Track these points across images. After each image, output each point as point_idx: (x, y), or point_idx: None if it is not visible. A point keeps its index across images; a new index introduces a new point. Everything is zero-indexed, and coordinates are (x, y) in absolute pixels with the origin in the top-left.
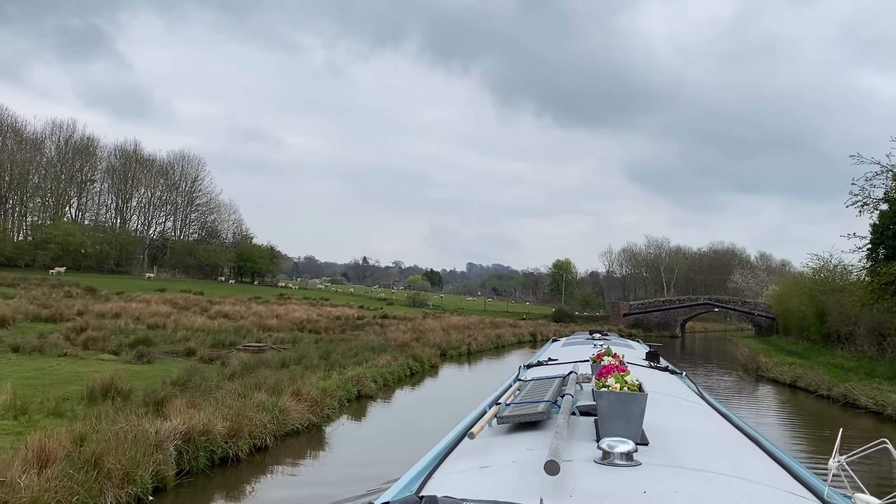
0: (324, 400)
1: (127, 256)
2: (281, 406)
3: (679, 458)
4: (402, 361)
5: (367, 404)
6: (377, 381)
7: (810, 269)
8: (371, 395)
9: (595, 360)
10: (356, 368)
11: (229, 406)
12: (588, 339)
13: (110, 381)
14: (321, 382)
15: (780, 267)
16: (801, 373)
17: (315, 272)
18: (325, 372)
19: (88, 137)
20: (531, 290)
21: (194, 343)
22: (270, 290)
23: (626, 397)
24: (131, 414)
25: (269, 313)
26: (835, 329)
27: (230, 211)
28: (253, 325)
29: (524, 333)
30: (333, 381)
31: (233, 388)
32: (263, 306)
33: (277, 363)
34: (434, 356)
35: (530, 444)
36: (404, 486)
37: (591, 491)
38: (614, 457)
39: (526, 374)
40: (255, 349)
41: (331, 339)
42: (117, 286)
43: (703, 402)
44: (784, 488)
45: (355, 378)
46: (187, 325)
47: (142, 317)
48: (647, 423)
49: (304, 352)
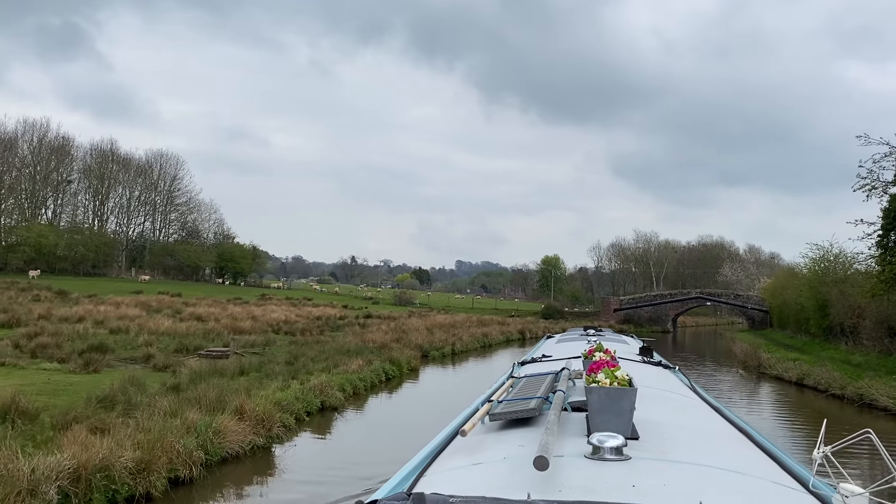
0: (273, 416)
1: (104, 258)
2: (216, 427)
3: (669, 452)
4: (377, 366)
5: (332, 418)
6: (345, 390)
7: (809, 259)
8: (337, 407)
9: (587, 356)
10: (321, 376)
11: (149, 430)
12: (582, 335)
13: (11, 399)
14: (277, 394)
15: (770, 260)
16: (807, 370)
17: (303, 272)
18: (286, 380)
19: (63, 137)
20: (520, 286)
21: (155, 349)
22: (253, 291)
23: (616, 392)
24: (14, 443)
25: (246, 315)
26: (838, 322)
27: (211, 210)
28: (225, 327)
29: (512, 331)
30: (292, 391)
31: (164, 406)
32: (241, 307)
33: (235, 371)
34: (414, 358)
35: (522, 441)
36: (396, 485)
37: (580, 485)
38: (604, 451)
39: (519, 371)
40: (218, 354)
41: (305, 342)
42: (93, 288)
43: (695, 396)
44: (771, 479)
45: (319, 387)
46: (153, 328)
47: (106, 320)
48: (639, 417)
49: (271, 356)
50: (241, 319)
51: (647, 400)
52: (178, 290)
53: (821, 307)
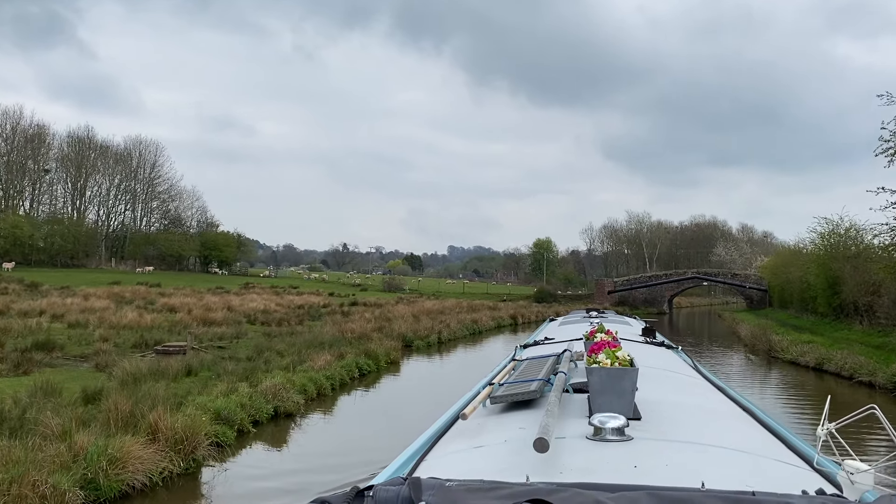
0: (198, 433)
1: (84, 249)
2: (113, 453)
3: (671, 432)
4: (350, 360)
5: (286, 428)
6: (307, 391)
7: (818, 234)
8: (294, 413)
9: (588, 338)
10: (277, 376)
11: (16, 461)
12: (585, 317)
13: None
14: (218, 401)
15: (763, 239)
16: (825, 353)
17: (294, 260)
18: (235, 383)
19: (38, 124)
20: (513, 270)
21: (111, 344)
22: (237, 280)
23: (617, 372)
24: None
25: (222, 305)
26: (851, 300)
27: (193, 197)
28: (195, 319)
29: (504, 317)
30: (238, 396)
31: (54, 424)
32: (219, 297)
33: (181, 371)
34: (395, 349)
35: (523, 423)
36: (395, 470)
37: (580, 467)
38: (606, 432)
39: (521, 354)
40: (175, 350)
41: (280, 333)
42: (68, 280)
43: (698, 375)
44: (775, 457)
45: (274, 389)
46: (116, 322)
47: (68, 314)
48: (641, 397)
49: (234, 351)
50: (215, 310)
51: (649, 380)
52: (157, 281)
53: (831, 285)
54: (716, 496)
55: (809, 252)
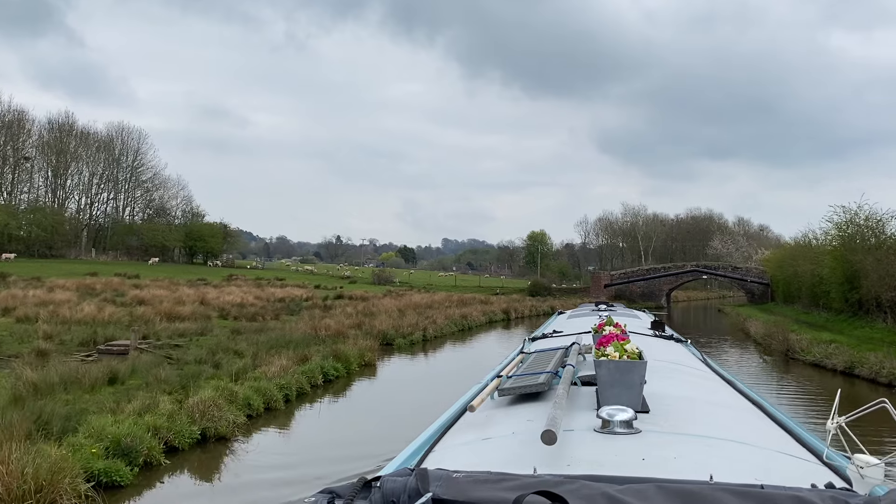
0: (59, 482)
1: (63, 239)
2: None
3: (680, 425)
4: (315, 364)
5: (215, 456)
6: (253, 405)
7: (834, 224)
8: (227, 436)
9: (597, 331)
10: (222, 383)
11: None
12: (593, 310)
13: None
14: (123, 423)
15: (759, 232)
16: (857, 355)
17: (287, 252)
18: (162, 394)
19: (16, 110)
20: (506, 263)
21: (56, 342)
22: (222, 272)
23: (626, 365)
24: None
25: (196, 298)
26: (873, 295)
27: (178, 187)
28: (160, 312)
29: (496, 311)
30: (154, 416)
31: None
32: (195, 290)
33: (99, 378)
34: (371, 350)
35: (531, 416)
36: (402, 461)
37: (588, 459)
38: (614, 425)
39: (530, 347)
40: (118, 349)
41: (248, 329)
42: (41, 271)
43: (707, 369)
44: (785, 451)
45: (204, 406)
46: (69, 316)
47: (22, 307)
48: (649, 390)
49: (184, 352)
50: (185, 303)
51: (657, 373)
52: (136, 272)
53: (848, 279)
54: (724, 489)
55: (821, 244)
